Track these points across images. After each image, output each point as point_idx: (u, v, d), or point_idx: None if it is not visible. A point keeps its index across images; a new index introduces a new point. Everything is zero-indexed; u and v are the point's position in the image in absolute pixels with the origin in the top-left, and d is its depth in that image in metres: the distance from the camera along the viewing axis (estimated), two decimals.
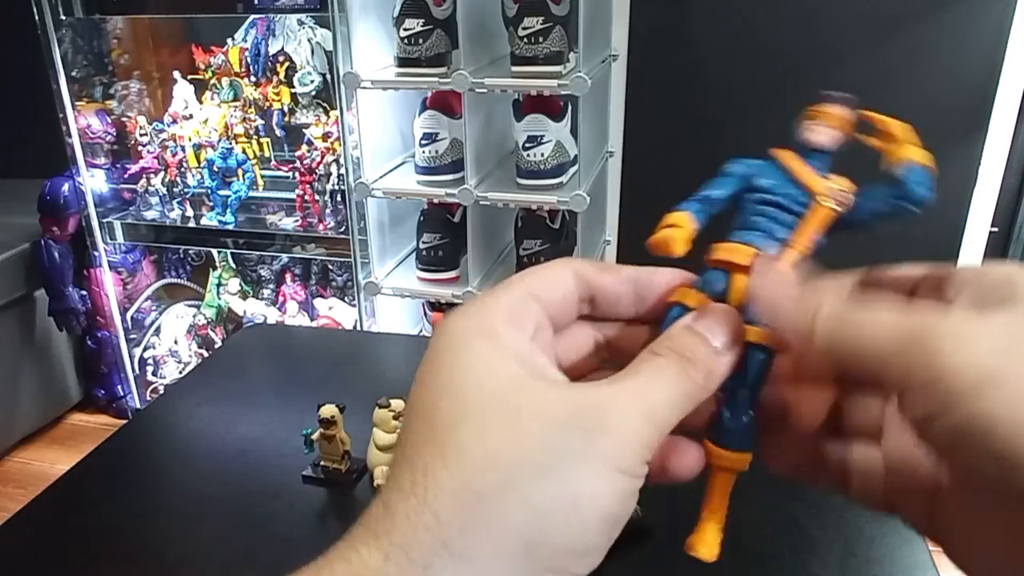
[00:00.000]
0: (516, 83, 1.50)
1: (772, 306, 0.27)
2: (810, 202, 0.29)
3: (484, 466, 0.24)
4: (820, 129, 0.29)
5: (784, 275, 0.28)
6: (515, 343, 0.27)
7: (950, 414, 0.22)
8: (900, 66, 1.76)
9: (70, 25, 1.89)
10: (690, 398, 0.27)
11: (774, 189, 0.29)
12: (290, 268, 2.18)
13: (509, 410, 0.25)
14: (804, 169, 0.29)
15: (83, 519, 0.70)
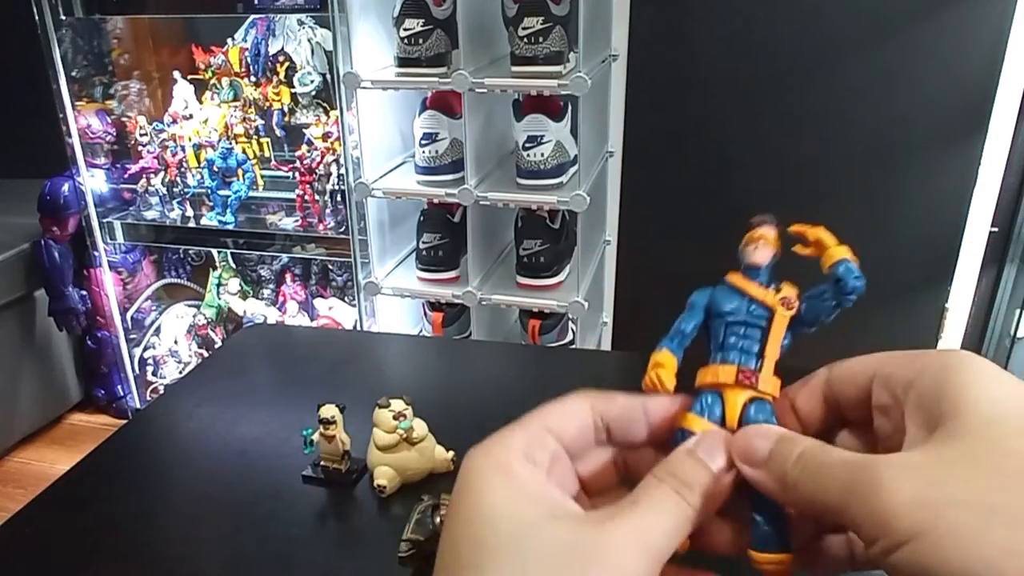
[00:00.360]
0: (516, 83, 1.50)
1: (746, 467, 0.30)
2: (768, 314, 0.33)
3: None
4: (759, 250, 0.33)
5: (755, 433, 0.30)
6: (530, 480, 0.29)
7: (889, 550, 0.24)
8: (900, 66, 1.76)
9: (70, 25, 1.89)
10: (689, 521, 0.29)
11: (737, 312, 0.33)
12: (290, 268, 2.18)
13: (519, 555, 0.27)
14: (754, 287, 0.33)
15: (83, 519, 0.69)
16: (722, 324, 0.33)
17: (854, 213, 1.87)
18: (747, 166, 1.90)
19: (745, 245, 0.34)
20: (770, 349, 0.33)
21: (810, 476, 0.27)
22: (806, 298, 0.33)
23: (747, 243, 0.34)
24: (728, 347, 0.33)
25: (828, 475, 0.27)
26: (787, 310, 0.33)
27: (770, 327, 0.33)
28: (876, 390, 0.30)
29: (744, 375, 0.32)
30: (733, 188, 1.90)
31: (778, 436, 0.30)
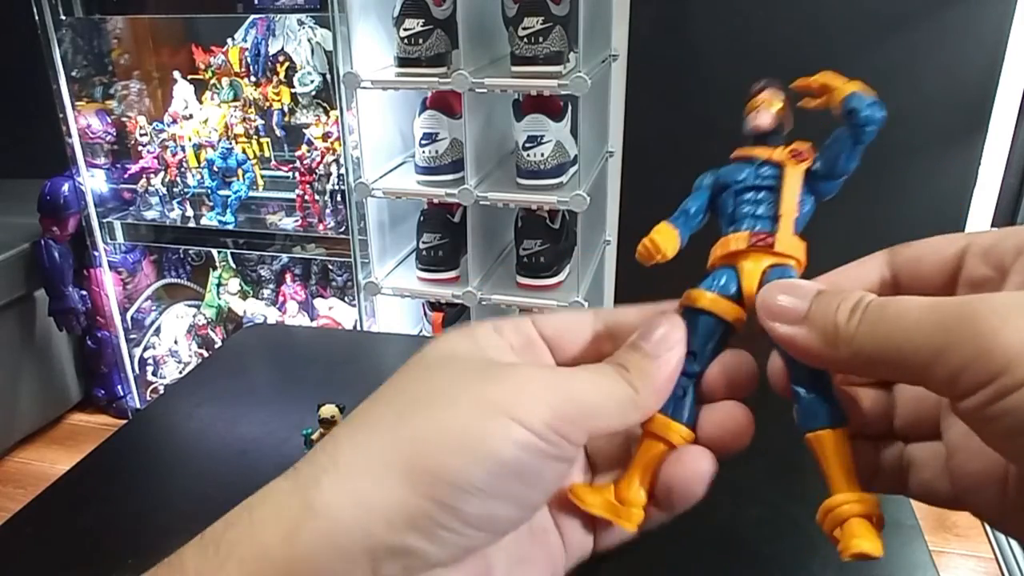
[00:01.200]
0: (516, 83, 1.50)
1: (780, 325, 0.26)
2: (778, 171, 0.30)
3: (387, 403, 0.26)
4: (762, 114, 0.31)
5: (788, 286, 0.27)
6: (487, 345, 0.29)
7: (1003, 393, 0.21)
8: (900, 66, 1.76)
9: (70, 25, 1.89)
10: (632, 403, 0.27)
11: (744, 179, 0.30)
12: (290, 268, 2.18)
13: (433, 371, 0.27)
14: (759, 149, 0.30)
15: (83, 519, 0.69)
16: (730, 196, 0.30)
17: (854, 213, 1.86)
18: None
19: (746, 113, 0.31)
20: (786, 206, 0.29)
21: (878, 326, 0.24)
22: (822, 149, 0.30)
23: (747, 112, 0.31)
24: (739, 217, 0.30)
25: (907, 321, 0.23)
26: (798, 162, 0.30)
27: (784, 183, 0.29)
28: (971, 262, 0.27)
29: (758, 237, 0.29)
30: None
31: (817, 289, 0.26)
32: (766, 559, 0.63)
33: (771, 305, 0.27)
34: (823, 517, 0.27)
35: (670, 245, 0.29)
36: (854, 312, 0.24)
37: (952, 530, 1.70)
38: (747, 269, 0.29)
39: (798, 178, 0.29)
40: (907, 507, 0.68)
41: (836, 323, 0.25)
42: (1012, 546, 1.61)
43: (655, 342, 0.28)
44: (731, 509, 0.65)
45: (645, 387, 0.27)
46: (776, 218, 0.29)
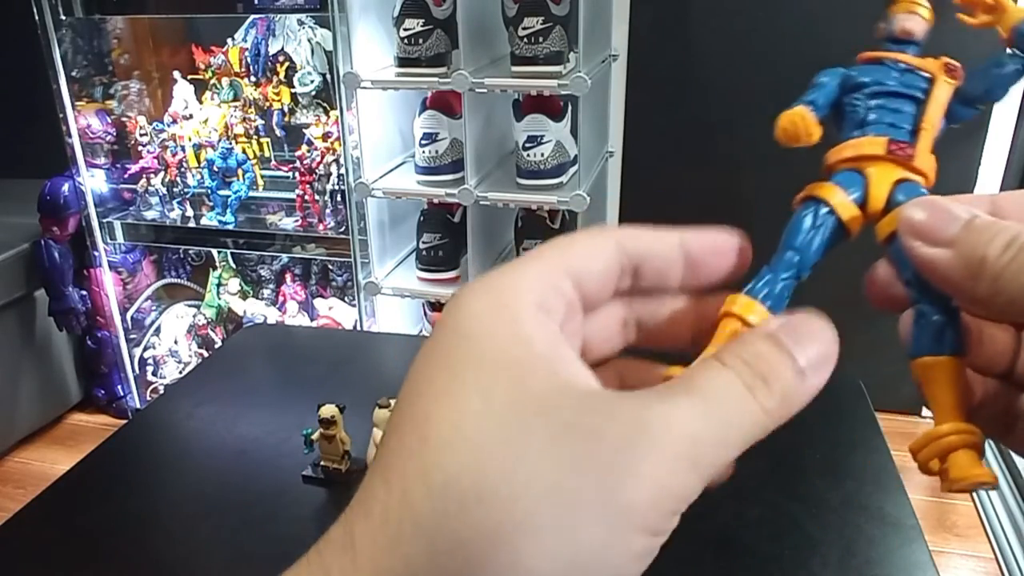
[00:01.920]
0: (516, 83, 1.50)
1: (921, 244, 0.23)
2: (926, 83, 0.27)
3: (474, 507, 0.19)
4: (915, 17, 0.28)
5: (938, 205, 0.24)
6: (541, 335, 0.22)
7: None
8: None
9: (70, 25, 1.89)
10: (757, 428, 0.21)
11: (883, 80, 0.27)
12: (290, 268, 2.18)
13: (518, 434, 0.20)
14: (906, 55, 0.27)
15: (83, 519, 0.69)
16: (864, 97, 0.27)
17: None
18: (747, 166, 1.90)
19: (895, 11, 0.28)
20: (929, 120, 0.26)
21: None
22: (973, 71, 0.27)
23: (897, 10, 0.28)
24: (873, 121, 0.26)
25: None
26: (951, 79, 0.26)
27: (931, 98, 0.26)
28: None
29: (898, 146, 0.26)
30: (733, 188, 1.90)
31: (973, 214, 0.23)
32: (766, 559, 0.63)
33: (917, 222, 0.24)
34: (922, 446, 0.24)
35: (817, 130, 0.26)
36: (1008, 248, 0.22)
37: (952, 530, 1.70)
38: (876, 177, 0.26)
39: (947, 94, 0.27)
40: (907, 507, 0.68)
41: (985, 255, 0.22)
42: (1012, 546, 1.61)
43: (817, 358, 0.22)
44: (731, 509, 0.65)
45: (780, 413, 0.22)
46: (917, 131, 0.26)
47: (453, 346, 0.21)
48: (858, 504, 0.68)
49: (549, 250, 0.24)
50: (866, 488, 0.70)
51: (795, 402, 0.22)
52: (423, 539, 0.19)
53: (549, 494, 0.19)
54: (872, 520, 0.66)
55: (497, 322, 0.21)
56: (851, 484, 0.70)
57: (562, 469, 0.19)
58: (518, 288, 0.22)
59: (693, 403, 0.21)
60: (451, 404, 0.20)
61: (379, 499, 0.20)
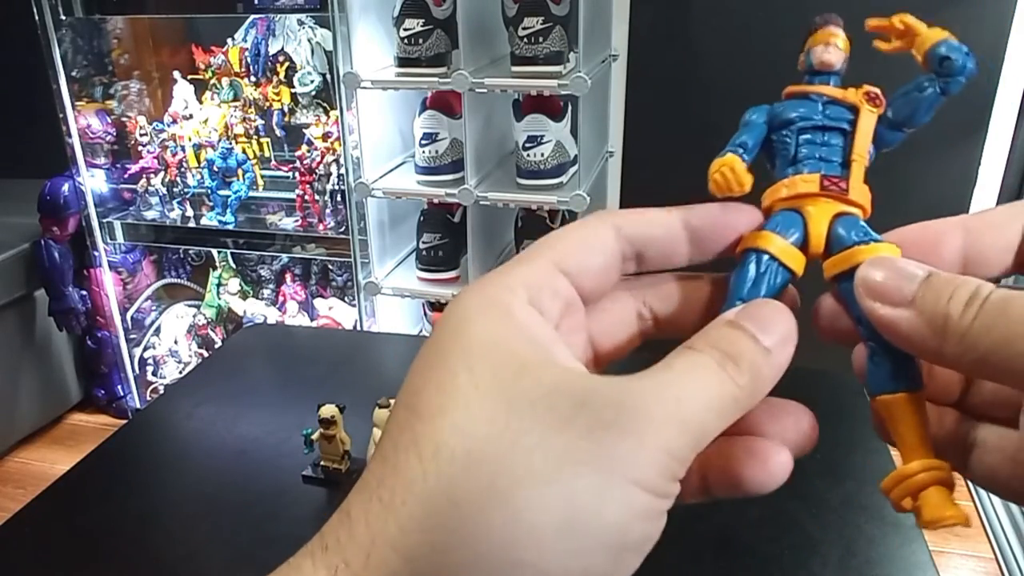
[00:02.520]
0: (516, 83, 1.50)
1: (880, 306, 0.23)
2: (851, 114, 0.27)
3: (465, 467, 0.20)
4: (831, 50, 0.28)
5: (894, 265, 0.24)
6: (531, 324, 0.23)
7: None
8: (900, 66, 1.75)
9: (70, 25, 1.89)
10: (735, 403, 0.22)
11: (809, 115, 0.27)
12: (290, 268, 2.18)
13: (503, 399, 0.20)
14: (828, 88, 0.28)
15: (83, 519, 0.69)
16: (792, 134, 0.27)
17: None
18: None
19: (812, 46, 0.28)
20: (858, 151, 0.26)
21: (997, 324, 0.21)
22: (895, 96, 0.28)
23: (813, 44, 0.28)
24: (803, 157, 0.27)
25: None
26: (874, 107, 0.27)
27: (855, 129, 0.27)
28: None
29: (831, 182, 0.26)
30: None
31: (928, 271, 0.23)
32: (766, 559, 0.63)
33: (873, 283, 0.23)
34: (894, 485, 0.24)
35: (748, 179, 0.26)
36: (970, 304, 0.21)
37: (952, 530, 1.69)
38: (814, 216, 0.26)
39: (871, 123, 0.27)
40: None
41: (948, 314, 0.22)
42: (1012, 546, 1.61)
43: (778, 337, 0.23)
44: (731, 509, 0.65)
45: (753, 388, 0.23)
46: (847, 163, 0.26)
47: (446, 339, 0.22)
48: (858, 504, 0.68)
49: (541, 248, 0.25)
50: (866, 488, 0.70)
51: (764, 377, 0.23)
52: (417, 506, 0.20)
53: (541, 447, 0.20)
54: (872, 520, 0.66)
55: (488, 317, 0.22)
56: (851, 484, 0.70)
57: (552, 426, 0.20)
58: (511, 286, 0.23)
59: (675, 377, 0.22)
60: (439, 381, 0.21)
61: (374, 473, 0.21)
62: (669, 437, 0.20)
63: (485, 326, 0.22)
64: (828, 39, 0.28)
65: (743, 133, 0.27)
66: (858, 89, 0.28)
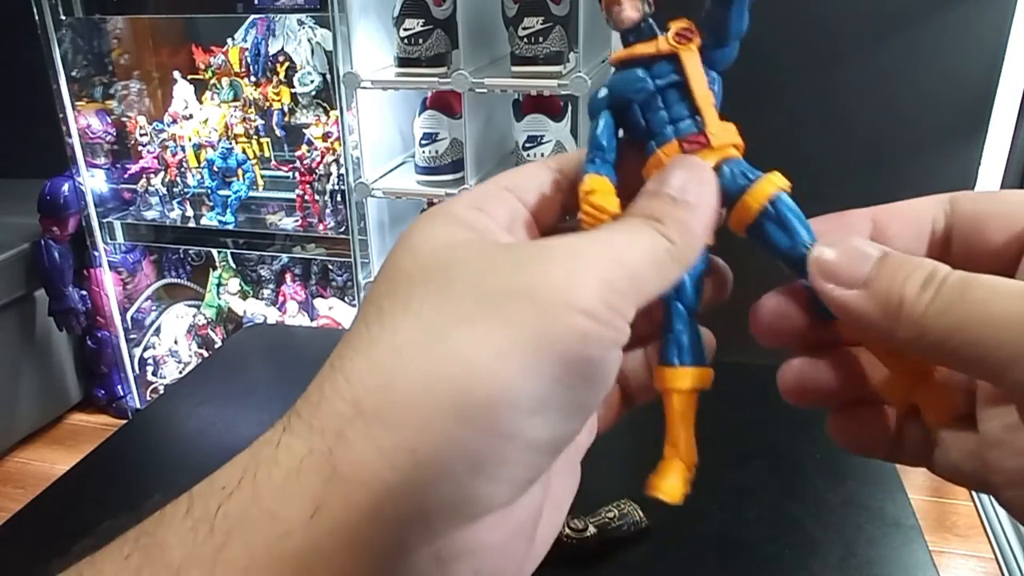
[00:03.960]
0: (516, 83, 1.50)
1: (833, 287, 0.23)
2: (672, 64, 0.27)
3: (405, 321, 0.21)
4: (625, 6, 0.27)
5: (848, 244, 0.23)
6: (473, 220, 0.24)
7: None
8: (900, 66, 1.75)
9: (70, 25, 1.89)
10: (669, 256, 0.23)
11: (640, 86, 0.27)
12: (290, 268, 2.18)
13: (442, 271, 0.21)
14: (639, 47, 0.27)
15: (83, 519, 0.69)
16: (636, 110, 0.27)
17: None
18: None
19: (606, 8, 0.27)
20: (700, 96, 0.26)
21: (954, 308, 0.20)
22: (704, 19, 0.27)
23: (607, 6, 0.27)
24: (657, 128, 0.26)
25: (993, 310, 0.20)
26: (687, 43, 0.27)
27: (685, 76, 0.26)
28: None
29: (689, 142, 0.26)
30: None
31: (883, 251, 0.23)
32: (766, 559, 0.63)
33: (826, 262, 0.23)
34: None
35: (613, 201, 0.25)
36: (926, 286, 0.21)
37: (952, 530, 1.70)
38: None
39: (697, 61, 0.26)
40: (907, 507, 0.68)
41: (903, 296, 0.21)
42: (1012, 546, 1.61)
43: (697, 190, 0.24)
44: (731, 509, 0.65)
45: (683, 237, 0.23)
46: (695, 112, 0.26)
47: (396, 247, 0.24)
48: (858, 504, 0.68)
49: (488, 179, 0.26)
50: (866, 488, 0.70)
51: (694, 229, 0.24)
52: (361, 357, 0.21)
53: (474, 287, 0.21)
54: (872, 520, 0.66)
55: (432, 222, 0.24)
56: (851, 484, 0.70)
57: (484, 270, 0.21)
58: (456, 200, 0.25)
59: (605, 234, 0.23)
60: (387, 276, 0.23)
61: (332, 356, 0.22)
62: (604, 268, 0.21)
63: (427, 227, 0.24)
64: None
65: (597, 130, 0.27)
66: (666, 34, 0.27)
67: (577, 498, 0.26)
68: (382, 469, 0.19)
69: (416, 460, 0.19)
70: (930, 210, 0.25)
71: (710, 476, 0.27)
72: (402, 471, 0.19)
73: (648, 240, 0.23)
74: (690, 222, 0.23)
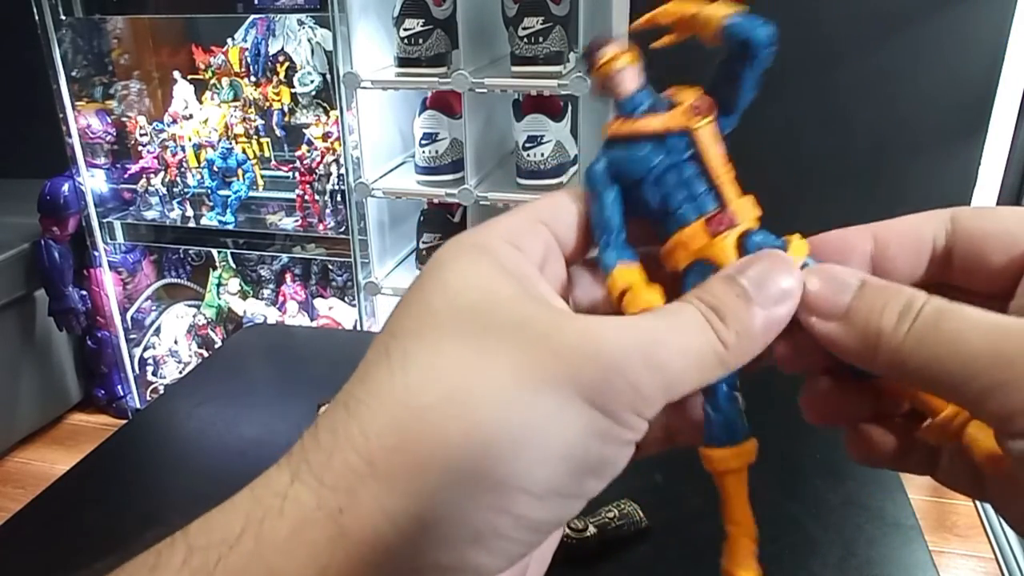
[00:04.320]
0: (516, 83, 1.50)
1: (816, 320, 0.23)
2: (687, 138, 0.25)
3: (429, 378, 0.20)
4: (625, 76, 0.25)
5: (828, 273, 0.23)
6: (512, 261, 0.23)
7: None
8: (900, 66, 1.76)
9: (70, 25, 1.89)
10: (716, 358, 0.22)
11: (652, 163, 0.25)
12: (290, 268, 2.18)
13: (477, 324, 0.21)
14: (648, 121, 0.25)
15: (83, 519, 0.69)
16: (648, 187, 0.25)
17: (854, 213, 1.86)
18: (746, 166, 1.89)
19: (603, 81, 0.25)
20: (718, 172, 0.25)
21: (927, 339, 0.21)
22: (711, 90, 0.26)
23: (603, 78, 0.25)
24: (673, 208, 0.25)
25: (967, 344, 0.20)
26: (704, 118, 0.25)
27: (700, 150, 0.25)
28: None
29: (715, 223, 0.24)
30: None
31: (863, 280, 0.23)
32: (766, 559, 0.63)
33: (809, 294, 0.23)
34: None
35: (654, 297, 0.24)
36: (902, 318, 0.21)
37: (952, 530, 1.70)
38: (720, 256, 0.24)
39: (711, 134, 0.25)
40: (907, 507, 0.68)
41: (880, 327, 0.21)
42: (1012, 546, 1.61)
43: (774, 292, 0.22)
44: None
45: (740, 342, 0.22)
46: (714, 188, 0.25)
47: (425, 279, 0.23)
48: (858, 504, 0.68)
49: (519, 208, 0.25)
50: (866, 488, 0.70)
51: (753, 333, 0.22)
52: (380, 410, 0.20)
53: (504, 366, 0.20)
54: (872, 520, 0.66)
55: (467, 257, 0.23)
56: (851, 484, 0.70)
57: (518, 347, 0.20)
58: (490, 231, 0.24)
59: (655, 323, 0.22)
60: (416, 311, 0.22)
61: (344, 389, 0.22)
62: (639, 374, 0.20)
63: (464, 265, 0.22)
64: (610, 69, 0.25)
65: (604, 210, 0.25)
66: (679, 105, 0.25)
67: None
68: (387, 530, 0.19)
69: (421, 526, 0.19)
70: (931, 227, 0.25)
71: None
72: (405, 535, 0.19)
73: (698, 339, 0.22)
74: (753, 327, 0.22)
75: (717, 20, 0.24)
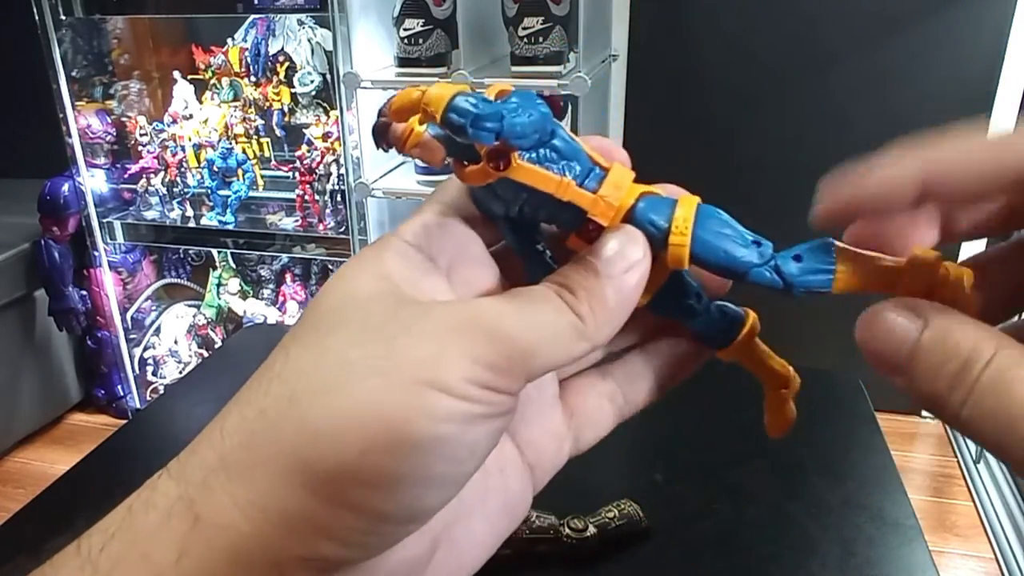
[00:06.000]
0: (516, 83, 1.50)
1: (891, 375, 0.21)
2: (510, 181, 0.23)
3: (283, 380, 0.21)
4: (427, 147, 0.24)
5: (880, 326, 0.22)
6: (396, 262, 0.23)
7: None
8: (900, 66, 1.76)
9: (70, 25, 1.89)
10: (574, 330, 0.22)
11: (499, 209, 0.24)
12: (290, 268, 2.18)
13: (326, 325, 0.22)
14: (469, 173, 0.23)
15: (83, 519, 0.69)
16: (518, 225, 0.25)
17: None
18: (747, 166, 1.90)
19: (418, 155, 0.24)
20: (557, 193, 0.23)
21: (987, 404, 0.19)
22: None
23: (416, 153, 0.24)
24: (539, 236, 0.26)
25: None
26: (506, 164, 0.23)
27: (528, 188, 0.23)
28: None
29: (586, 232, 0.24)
30: (733, 188, 1.90)
31: (919, 328, 0.21)
32: (766, 559, 0.63)
33: (871, 352, 0.22)
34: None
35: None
36: (960, 381, 0.20)
37: (952, 530, 1.70)
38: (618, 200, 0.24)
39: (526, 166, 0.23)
40: (907, 507, 0.68)
41: (939, 393, 0.20)
42: (1012, 546, 1.61)
43: (606, 258, 0.23)
44: (731, 509, 0.65)
45: (594, 314, 0.22)
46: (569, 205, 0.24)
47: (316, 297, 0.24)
48: (858, 504, 0.68)
49: (432, 198, 0.25)
50: (866, 488, 0.70)
51: (609, 304, 0.22)
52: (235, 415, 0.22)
53: (342, 357, 0.21)
54: (872, 520, 0.66)
55: (354, 269, 0.23)
56: (851, 484, 0.70)
57: (359, 338, 0.21)
58: (394, 235, 0.24)
59: (506, 301, 0.22)
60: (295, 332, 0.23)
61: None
62: (477, 345, 0.21)
63: (351, 270, 0.23)
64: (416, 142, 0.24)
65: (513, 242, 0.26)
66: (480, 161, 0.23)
67: (577, 498, 0.26)
68: (238, 520, 0.20)
69: (266, 517, 0.20)
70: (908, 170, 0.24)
71: (710, 476, 0.27)
72: (255, 524, 0.20)
73: (547, 313, 0.22)
74: (606, 297, 0.22)
75: (441, 101, 0.22)
